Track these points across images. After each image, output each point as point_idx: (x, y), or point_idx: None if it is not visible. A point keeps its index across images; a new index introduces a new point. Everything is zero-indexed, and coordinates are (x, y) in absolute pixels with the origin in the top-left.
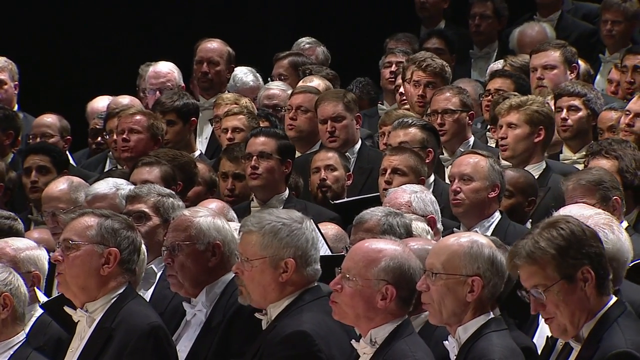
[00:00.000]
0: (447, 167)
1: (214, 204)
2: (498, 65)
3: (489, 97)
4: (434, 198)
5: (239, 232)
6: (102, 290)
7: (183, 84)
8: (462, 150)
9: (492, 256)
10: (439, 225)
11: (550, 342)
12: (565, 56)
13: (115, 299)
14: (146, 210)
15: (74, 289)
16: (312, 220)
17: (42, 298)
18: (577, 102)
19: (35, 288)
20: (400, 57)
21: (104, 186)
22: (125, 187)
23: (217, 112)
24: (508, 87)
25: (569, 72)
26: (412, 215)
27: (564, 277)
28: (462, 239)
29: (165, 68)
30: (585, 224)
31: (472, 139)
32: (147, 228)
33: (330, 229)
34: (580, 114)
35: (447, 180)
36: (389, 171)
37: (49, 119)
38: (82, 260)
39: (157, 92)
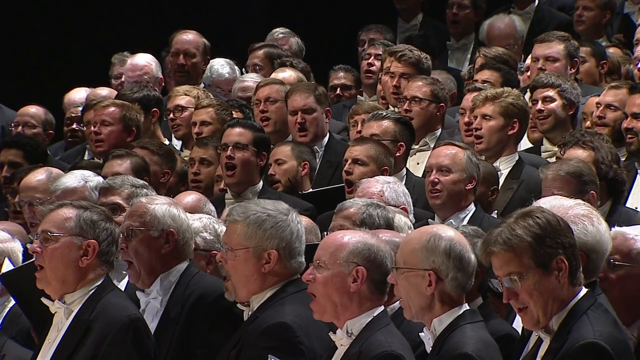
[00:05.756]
0: (410, 157)
1: (191, 196)
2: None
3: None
4: (406, 190)
5: (225, 221)
6: (80, 282)
7: (161, 77)
8: (428, 141)
9: (449, 249)
10: (411, 217)
11: (526, 333)
12: (568, 50)
13: (93, 290)
14: (120, 202)
15: (52, 281)
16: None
17: None
18: (551, 92)
19: None
20: (379, 49)
21: (72, 179)
22: (93, 178)
23: (168, 104)
24: (496, 79)
25: (569, 67)
26: (395, 209)
27: (540, 265)
28: (424, 232)
29: (143, 60)
30: (559, 215)
31: (439, 131)
32: (121, 220)
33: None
34: (555, 104)
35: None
36: (349, 161)
37: (34, 109)
38: (61, 252)
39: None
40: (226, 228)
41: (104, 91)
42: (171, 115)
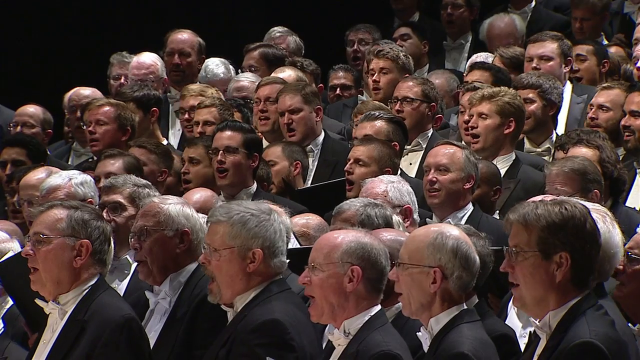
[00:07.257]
0: (402, 157)
1: (202, 193)
2: (479, 57)
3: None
4: (410, 189)
5: (207, 222)
6: (74, 282)
7: (166, 77)
8: (420, 141)
9: (456, 248)
10: (415, 216)
11: (534, 336)
12: (562, 49)
13: (87, 290)
14: (121, 200)
15: (47, 283)
16: (282, 211)
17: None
18: (531, 94)
19: None
20: None
21: (57, 179)
22: (78, 176)
23: (182, 104)
24: (486, 79)
25: (563, 65)
26: (389, 207)
27: (541, 250)
28: (430, 229)
29: (149, 60)
30: (594, 221)
31: (430, 132)
32: (122, 219)
33: (312, 219)
34: (534, 105)
35: None
36: (351, 161)
37: (32, 109)
38: (55, 253)
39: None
40: (209, 229)
41: (86, 91)
42: (186, 116)
